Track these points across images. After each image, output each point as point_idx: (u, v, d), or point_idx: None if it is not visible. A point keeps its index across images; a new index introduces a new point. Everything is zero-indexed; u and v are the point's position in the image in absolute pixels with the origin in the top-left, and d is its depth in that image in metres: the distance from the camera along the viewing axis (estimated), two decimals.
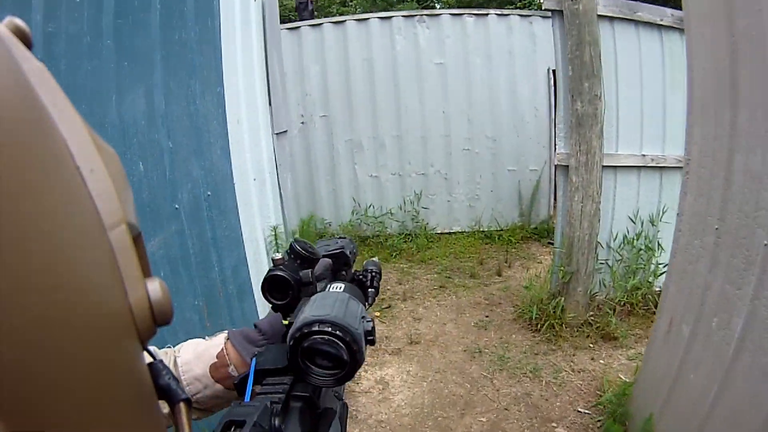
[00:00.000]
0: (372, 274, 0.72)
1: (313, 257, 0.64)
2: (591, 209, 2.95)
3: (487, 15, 4.73)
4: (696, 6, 1.80)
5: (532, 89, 4.84)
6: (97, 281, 0.21)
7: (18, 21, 0.22)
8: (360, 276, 0.72)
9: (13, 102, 0.17)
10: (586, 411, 2.46)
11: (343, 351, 0.46)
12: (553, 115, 4.74)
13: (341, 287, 0.56)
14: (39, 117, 0.20)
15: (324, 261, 0.68)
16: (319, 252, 0.67)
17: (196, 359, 0.60)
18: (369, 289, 0.69)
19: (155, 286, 0.24)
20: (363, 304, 0.58)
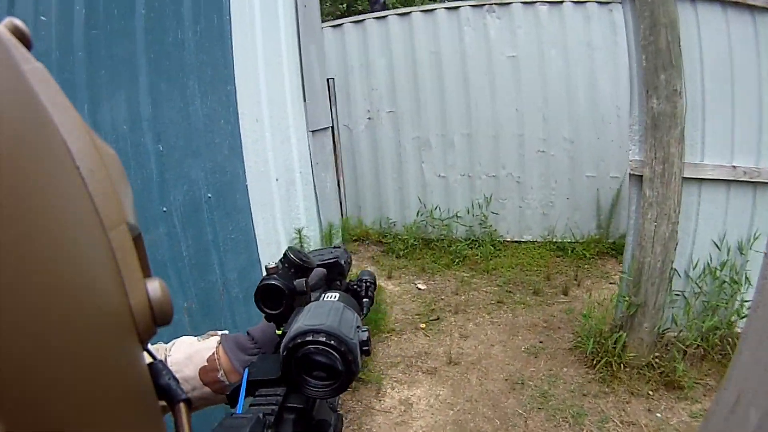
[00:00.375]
0: (367, 284, 0.71)
1: (308, 266, 0.63)
2: (666, 231, 2.39)
3: (563, 2, 4.21)
4: None
5: (613, 85, 4.21)
6: (97, 281, 0.21)
7: (17, 22, 0.22)
8: (355, 286, 0.71)
9: (13, 102, 0.17)
10: None
11: (338, 361, 0.46)
12: None
13: (336, 296, 0.56)
14: (39, 117, 0.20)
15: (318, 270, 0.68)
16: (314, 261, 0.66)
17: (186, 360, 0.61)
18: (364, 299, 0.69)
19: (155, 286, 0.24)
20: (358, 313, 0.58)
